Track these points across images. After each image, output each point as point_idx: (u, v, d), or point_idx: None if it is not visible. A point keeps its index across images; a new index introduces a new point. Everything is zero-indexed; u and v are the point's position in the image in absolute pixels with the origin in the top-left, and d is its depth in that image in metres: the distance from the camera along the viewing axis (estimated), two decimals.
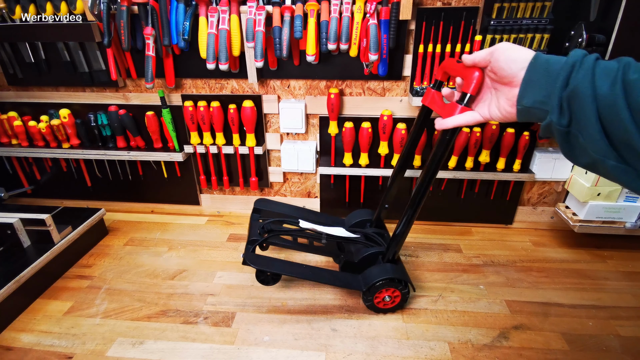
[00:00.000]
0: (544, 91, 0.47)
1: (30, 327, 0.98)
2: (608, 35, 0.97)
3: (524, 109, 0.51)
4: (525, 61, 0.50)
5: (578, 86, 0.43)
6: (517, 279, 1.13)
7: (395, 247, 0.97)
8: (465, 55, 0.60)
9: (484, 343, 0.92)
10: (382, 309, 1.00)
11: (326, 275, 1.00)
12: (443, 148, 0.77)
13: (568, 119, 0.45)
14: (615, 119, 0.40)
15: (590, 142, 0.43)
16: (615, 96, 0.40)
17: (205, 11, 1.08)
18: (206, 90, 1.27)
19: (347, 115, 1.24)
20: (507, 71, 0.52)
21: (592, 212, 1.17)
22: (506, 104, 0.55)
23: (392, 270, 0.96)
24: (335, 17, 1.01)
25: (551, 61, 0.47)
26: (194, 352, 0.90)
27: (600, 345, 0.92)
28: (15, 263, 1.04)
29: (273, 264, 0.99)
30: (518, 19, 1.00)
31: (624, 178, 0.42)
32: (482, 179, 1.27)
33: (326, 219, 1.21)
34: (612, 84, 0.41)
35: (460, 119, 0.64)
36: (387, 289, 0.96)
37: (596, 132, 0.42)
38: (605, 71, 0.42)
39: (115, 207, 1.51)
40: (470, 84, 0.60)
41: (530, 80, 0.49)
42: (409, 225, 0.92)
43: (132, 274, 1.16)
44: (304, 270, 0.99)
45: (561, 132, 0.46)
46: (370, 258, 1.03)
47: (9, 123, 1.33)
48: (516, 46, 0.53)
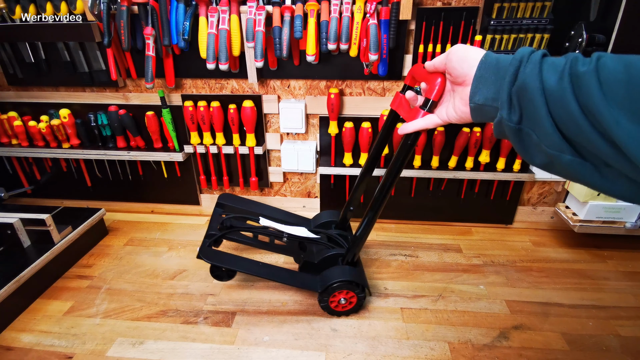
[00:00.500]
0: (494, 87, 0.48)
1: (30, 327, 0.98)
2: (608, 35, 0.97)
3: (477, 107, 0.52)
4: (476, 60, 0.51)
5: (526, 80, 0.43)
6: (517, 279, 1.13)
7: (355, 249, 0.96)
8: (428, 62, 0.62)
9: (484, 343, 0.92)
10: (336, 312, 0.99)
11: (283, 274, 0.99)
12: (405, 152, 0.78)
13: (518, 115, 0.45)
14: (565, 113, 0.40)
15: (544, 137, 0.43)
16: (563, 90, 0.39)
17: (205, 11, 1.08)
18: (206, 90, 1.27)
19: (347, 115, 1.24)
20: (459, 70, 0.54)
21: (592, 212, 1.17)
22: (460, 103, 0.55)
23: (349, 273, 0.95)
24: (335, 17, 1.02)
25: (501, 58, 0.48)
26: (194, 352, 0.90)
27: (600, 345, 0.92)
28: (15, 263, 1.04)
29: (228, 259, 0.98)
30: (518, 19, 1.00)
31: (581, 172, 0.42)
32: (482, 179, 1.27)
33: (292, 218, 1.20)
34: (559, 78, 0.40)
35: (419, 123, 0.65)
36: (342, 291, 0.95)
37: (548, 126, 0.42)
38: (552, 66, 0.42)
39: (115, 207, 1.51)
40: (432, 89, 0.61)
41: (481, 77, 0.50)
42: (369, 227, 0.91)
43: (132, 274, 1.16)
44: (260, 268, 0.97)
45: (512, 129, 0.46)
46: (331, 259, 1.01)
47: (9, 123, 1.33)
48: (469, 47, 0.54)
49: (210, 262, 0.96)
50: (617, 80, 0.35)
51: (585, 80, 0.37)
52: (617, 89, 0.35)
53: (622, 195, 0.41)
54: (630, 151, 0.34)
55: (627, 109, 0.34)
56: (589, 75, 0.37)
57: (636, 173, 0.37)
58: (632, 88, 0.34)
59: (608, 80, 0.36)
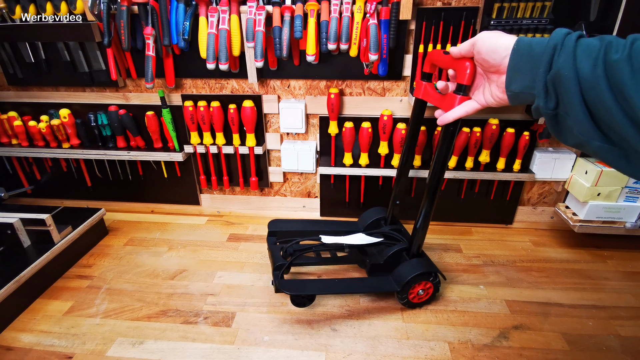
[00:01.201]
0: (529, 75, 0.48)
1: (30, 327, 0.98)
2: None
3: (514, 95, 0.52)
4: (507, 49, 0.51)
5: (560, 70, 0.43)
6: (517, 279, 1.13)
7: (418, 242, 0.99)
8: (452, 48, 0.62)
9: (484, 343, 0.92)
10: (417, 304, 1.01)
11: (357, 284, 1.02)
12: (449, 139, 0.78)
13: (555, 102, 0.46)
14: (598, 101, 0.40)
15: (576, 124, 0.43)
16: (597, 78, 0.40)
17: (205, 11, 1.08)
18: (206, 90, 1.27)
19: (347, 115, 1.24)
20: (491, 61, 0.54)
21: (592, 212, 1.17)
22: (497, 90, 0.56)
23: (420, 265, 0.98)
24: (335, 17, 1.02)
25: (533, 44, 0.48)
26: (194, 352, 0.90)
27: (600, 345, 0.92)
28: (15, 263, 1.04)
29: (305, 285, 1.00)
30: (518, 19, 1.00)
31: (609, 158, 0.43)
32: (482, 179, 1.27)
33: (339, 225, 1.22)
34: (593, 66, 0.40)
35: (460, 110, 0.65)
36: (419, 283, 0.97)
37: (581, 113, 0.42)
38: (586, 52, 0.42)
39: (115, 207, 1.51)
40: (464, 74, 0.62)
41: (516, 66, 0.50)
42: (427, 218, 0.94)
43: (132, 274, 1.16)
44: (335, 285, 1.00)
45: (549, 115, 0.47)
46: (395, 256, 1.04)
47: (9, 123, 1.33)
48: (496, 34, 0.53)
49: (292, 294, 0.97)
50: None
51: (619, 68, 0.38)
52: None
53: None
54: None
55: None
56: (622, 63, 0.37)
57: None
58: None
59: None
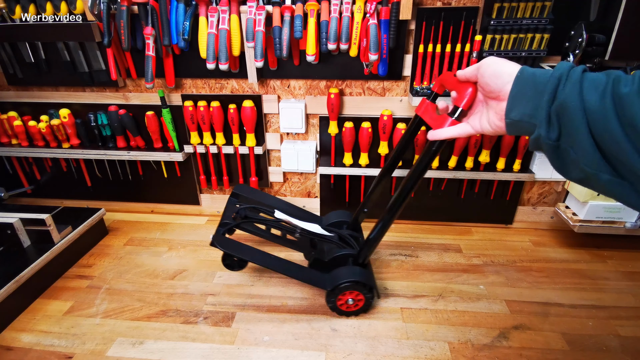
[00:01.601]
0: (532, 104, 0.47)
1: (30, 327, 0.98)
2: (608, 35, 0.97)
3: (513, 123, 0.51)
4: (510, 75, 0.50)
5: (566, 99, 0.43)
6: (517, 279, 1.13)
7: (367, 251, 0.96)
8: (460, 71, 0.62)
9: (484, 343, 0.92)
10: (344, 312, 0.99)
11: (294, 269, 0.99)
12: (428, 158, 0.77)
13: (557, 133, 0.45)
14: (606, 132, 0.39)
15: (582, 156, 0.42)
16: (605, 110, 0.39)
17: (205, 11, 1.08)
18: (206, 90, 1.27)
19: (347, 115, 1.24)
20: (493, 86, 0.53)
21: (592, 212, 1.17)
22: (495, 117, 0.55)
23: (360, 274, 0.95)
24: (335, 17, 1.01)
25: (537, 74, 0.47)
26: (194, 352, 0.90)
27: (600, 345, 0.92)
28: (15, 263, 1.04)
29: (241, 249, 0.97)
30: (518, 18, 1.00)
31: (619, 192, 0.42)
32: (482, 179, 1.27)
33: (304, 214, 1.20)
34: (601, 97, 0.40)
35: (453, 131, 0.65)
36: (351, 291, 0.95)
37: (588, 145, 0.41)
38: (593, 84, 0.41)
39: (115, 207, 1.51)
40: (463, 98, 0.61)
41: (518, 93, 0.49)
42: (383, 230, 0.91)
43: (132, 274, 1.16)
44: (271, 261, 0.98)
45: (550, 146, 0.46)
46: (341, 259, 1.02)
47: (9, 123, 1.33)
48: (501, 60, 0.53)
49: (223, 250, 0.95)
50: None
51: (629, 101, 0.37)
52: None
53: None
54: None
55: None
56: (633, 96, 0.37)
57: None
58: None
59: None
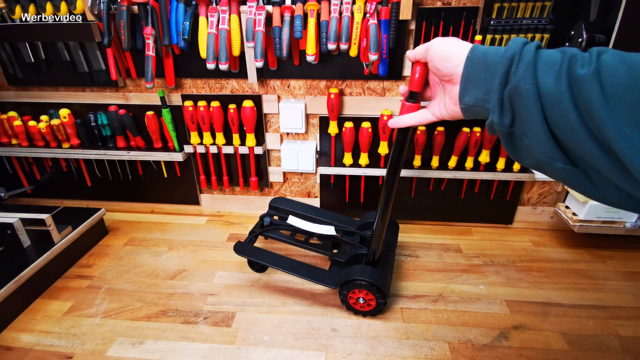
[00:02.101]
0: (484, 88, 0.44)
1: (30, 327, 0.98)
2: (608, 35, 0.97)
3: (467, 108, 0.48)
4: (460, 57, 0.46)
5: (519, 83, 0.39)
6: (517, 279, 1.13)
7: (371, 248, 0.96)
8: (410, 51, 0.57)
9: (484, 343, 0.92)
10: (358, 311, 0.99)
11: (301, 269, 1.03)
12: (400, 146, 0.77)
13: (510, 119, 0.42)
14: (561, 118, 0.36)
15: (536, 143, 0.40)
16: (561, 94, 0.36)
17: (205, 11, 1.08)
18: (206, 90, 1.27)
19: (347, 115, 1.24)
20: (443, 70, 0.50)
21: (592, 212, 1.17)
22: (451, 102, 0.52)
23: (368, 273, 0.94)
24: (335, 17, 1.02)
25: (489, 54, 0.43)
26: (194, 352, 0.90)
27: (600, 345, 0.92)
28: (15, 263, 1.04)
29: (256, 252, 1.07)
30: (518, 18, 1.00)
31: (572, 180, 0.39)
32: (482, 179, 1.27)
33: (336, 218, 1.22)
34: (556, 80, 0.36)
35: (412, 118, 0.62)
36: (360, 290, 0.95)
37: (542, 132, 0.38)
38: (548, 64, 0.38)
39: (115, 207, 1.51)
40: (412, 78, 0.58)
41: (469, 76, 0.45)
42: (380, 224, 0.91)
43: (132, 274, 1.16)
44: (283, 262, 1.04)
45: (504, 132, 0.43)
46: (357, 258, 1.04)
47: (9, 123, 1.33)
48: (449, 41, 0.49)
49: (240, 255, 1.06)
50: (620, 85, 0.32)
51: (586, 85, 0.34)
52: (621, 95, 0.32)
53: (613, 202, 0.38)
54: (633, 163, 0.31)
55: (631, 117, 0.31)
56: (590, 79, 0.34)
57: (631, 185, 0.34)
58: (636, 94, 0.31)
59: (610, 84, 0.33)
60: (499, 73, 0.41)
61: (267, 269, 1.13)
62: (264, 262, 1.04)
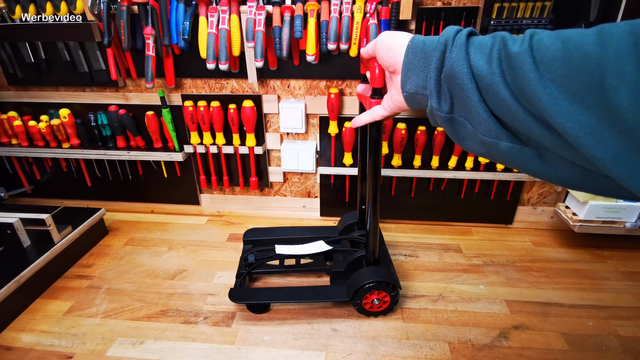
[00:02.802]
0: (423, 74, 0.45)
1: (30, 327, 0.98)
2: None
3: (409, 96, 0.48)
4: (402, 46, 0.48)
5: (454, 66, 0.39)
6: (517, 279, 1.13)
7: (371, 247, 0.96)
8: (362, 49, 0.59)
9: (484, 343, 0.92)
10: (373, 313, 0.98)
11: (308, 293, 1.00)
12: (374, 143, 0.77)
13: (449, 104, 0.42)
14: (496, 99, 0.37)
15: (479, 125, 0.39)
16: (493, 75, 0.36)
17: (205, 11, 1.08)
18: (206, 90, 1.27)
19: (347, 115, 1.24)
20: (387, 60, 0.51)
21: (592, 212, 1.17)
22: (395, 92, 0.52)
23: (372, 274, 0.94)
24: (335, 17, 1.02)
25: (427, 41, 0.45)
26: (194, 352, 0.90)
27: (600, 345, 0.92)
28: (15, 263, 1.04)
29: (255, 294, 1.01)
30: (518, 18, 1.00)
31: (521, 159, 0.39)
32: (482, 179, 1.27)
33: (314, 232, 1.20)
34: (488, 61, 0.37)
35: (367, 115, 0.63)
36: (371, 292, 0.94)
37: (482, 112, 0.38)
38: (479, 47, 0.38)
39: (115, 207, 1.51)
40: (373, 76, 0.59)
41: (409, 64, 0.46)
42: (373, 221, 0.91)
43: (132, 273, 1.16)
44: (285, 294, 1.00)
45: (444, 118, 0.43)
46: (355, 263, 1.01)
47: (9, 123, 1.33)
48: (395, 33, 0.51)
49: (240, 302, 0.99)
50: (555, 59, 0.31)
51: (519, 61, 0.34)
52: (556, 68, 0.31)
53: (566, 181, 0.37)
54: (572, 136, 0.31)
55: (567, 90, 0.31)
56: (523, 56, 0.33)
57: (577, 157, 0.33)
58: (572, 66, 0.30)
59: (545, 59, 0.32)
60: (434, 58, 0.42)
61: (269, 307, 1.02)
62: (267, 300, 0.99)
